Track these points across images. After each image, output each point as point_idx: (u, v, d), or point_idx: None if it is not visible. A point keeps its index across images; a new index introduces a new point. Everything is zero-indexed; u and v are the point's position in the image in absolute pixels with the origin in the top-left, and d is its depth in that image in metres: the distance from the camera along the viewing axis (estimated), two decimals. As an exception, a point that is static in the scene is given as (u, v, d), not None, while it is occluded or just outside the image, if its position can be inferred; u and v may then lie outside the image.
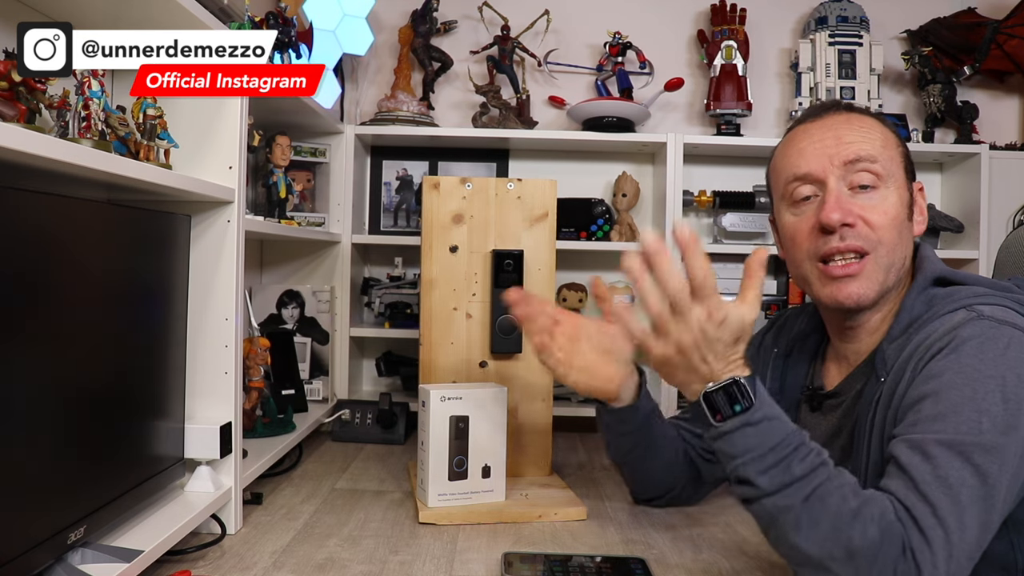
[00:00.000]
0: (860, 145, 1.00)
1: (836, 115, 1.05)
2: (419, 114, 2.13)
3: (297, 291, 2.01)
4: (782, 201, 1.08)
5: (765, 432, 0.84)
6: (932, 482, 0.80)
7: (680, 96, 2.27)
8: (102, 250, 0.95)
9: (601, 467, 1.66)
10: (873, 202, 0.99)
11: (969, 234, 2.13)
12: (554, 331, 1.16)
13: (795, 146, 1.06)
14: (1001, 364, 0.84)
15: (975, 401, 0.83)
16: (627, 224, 2.16)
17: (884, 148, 1.02)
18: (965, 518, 0.78)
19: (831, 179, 1.00)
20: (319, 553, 1.10)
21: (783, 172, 1.06)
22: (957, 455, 0.81)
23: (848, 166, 1.00)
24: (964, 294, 0.95)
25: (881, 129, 1.04)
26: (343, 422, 1.88)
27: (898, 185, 1.02)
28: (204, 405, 1.19)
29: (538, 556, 1.06)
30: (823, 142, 1.02)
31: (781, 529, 0.84)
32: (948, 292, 0.97)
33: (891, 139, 1.04)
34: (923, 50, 2.20)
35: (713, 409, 0.86)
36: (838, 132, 1.02)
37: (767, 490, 0.83)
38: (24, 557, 0.77)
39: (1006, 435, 0.81)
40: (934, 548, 0.77)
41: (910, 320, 0.98)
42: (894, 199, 1.00)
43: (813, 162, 1.02)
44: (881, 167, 1.00)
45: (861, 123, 1.03)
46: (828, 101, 1.13)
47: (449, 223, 1.48)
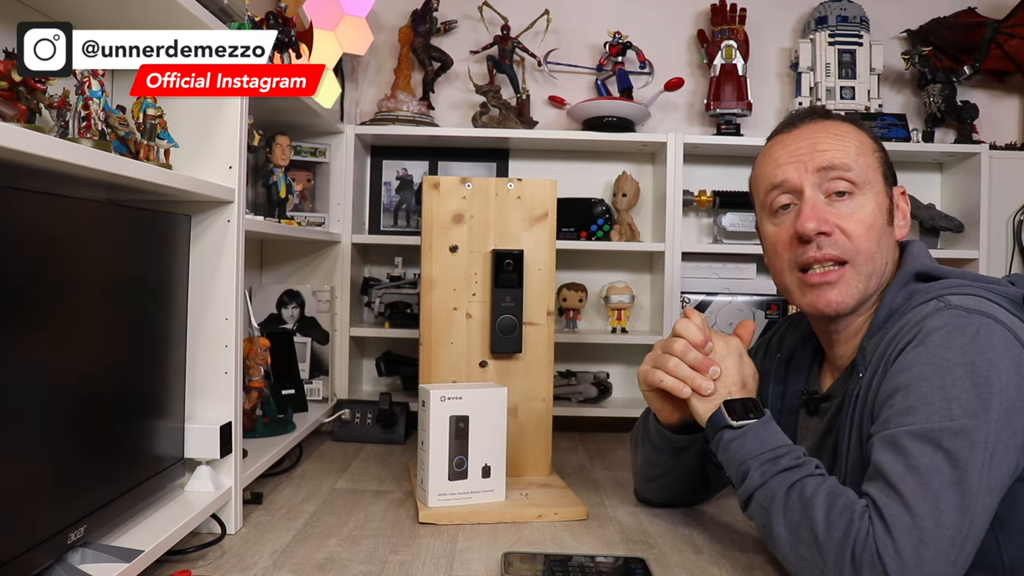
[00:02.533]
0: (834, 153, 1.01)
1: (811, 124, 1.05)
2: (419, 114, 2.13)
3: (297, 291, 2.01)
4: (763, 211, 1.09)
5: (767, 436, 0.98)
6: (903, 474, 0.82)
7: (680, 96, 2.27)
8: (102, 250, 0.95)
9: (601, 467, 1.66)
10: (849, 210, 1.00)
11: (969, 234, 2.13)
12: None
13: (772, 156, 1.07)
14: (969, 351, 0.85)
15: (944, 390, 0.84)
16: (627, 224, 2.16)
17: (859, 155, 1.02)
18: (939, 503, 0.79)
19: (807, 187, 1.01)
20: (319, 553, 1.10)
21: (762, 182, 1.08)
22: (927, 443, 0.82)
23: (822, 172, 1.00)
24: (939, 286, 0.96)
25: (856, 135, 1.04)
26: (343, 422, 1.88)
27: (876, 191, 1.02)
28: (204, 405, 1.19)
29: (538, 556, 1.06)
30: (798, 150, 1.03)
31: (768, 520, 0.92)
32: (927, 287, 0.98)
33: (867, 145, 1.04)
34: (923, 50, 2.20)
35: (732, 414, 1.01)
36: (813, 140, 1.03)
37: (759, 483, 0.94)
38: (24, 557, 0.77)
39: (975, 417, 0.82)
40: (895, 535, 0.79)
41: (888, 313, 0.99)
42: (871, 207, 1.00)
43: (789, 170, 1.03)
44: (856, 175, 1.00)
45: (836, 130, 1.04)
46: (804, 109, 1.15)
47: (449, 223, 1.48)
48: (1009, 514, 0.86)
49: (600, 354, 2.22)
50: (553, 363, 1.51)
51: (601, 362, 2.22)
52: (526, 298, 1.47)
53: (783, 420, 1.11)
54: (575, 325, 2.17)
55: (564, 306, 2.16)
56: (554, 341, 1.51)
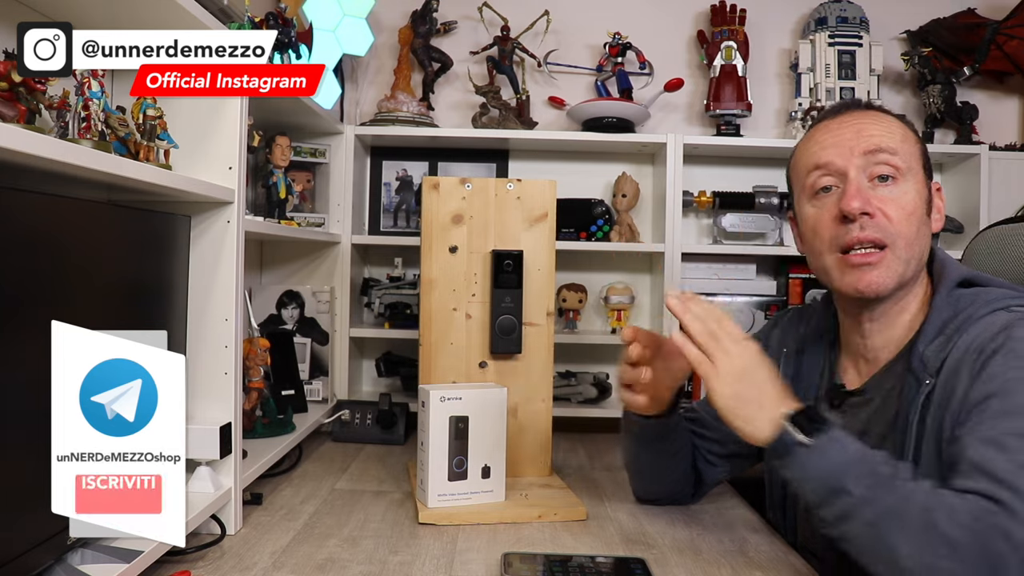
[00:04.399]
0: (881, 137, 1.02)
1: (857, 111, 1.07)
2: (419, 114, 2.13)
3: (297, 291, 2.01)
4: (803, 194, 1.09)
5: (848, 445, 0.89)
6: (1012, 470, 0.81)
7: (680, 96, 2.27)
8: (102, 250, 0.95)
9: (601, 467, 1.66)
10: (893, 195, 1.01)
11: (969, 234, 2.12)
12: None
13: (815, 140, 1.08)
14: None
15: None
16: (627, 224, 2.16)
17: (904, 143, 1.04)
18: None
19: (851, 169, 1.02)
20: (319, 553, 1.10)
21: (804, 164, 1.08)
22: None
23: (868, 156, 1.02)
24: (994, 295, 0.98)
25: (900, 126, 1.06)
26: (343, 422, 1.88)
27: (917, 180, 1.03)
28: (204, 405, 1.18)
29: (538, 556, 1.06)
30: (843, 135, 1.04)
31: (882, 538, 0.83)
32: (974, 293, 1.00)
33: (910, 136, 1.06)
34: (923, 51, 2.20)
35: (801, 429, 0.90)
36: (859, 125, 1.04)
37: (865, 496, 0.84)
38: (24, 557, 0.77)
39: None
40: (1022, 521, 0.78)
41: (942, 322, 0.99)
42: (912, 193, 1.02)
43: (833, 152, 1.04)
44: (900, 160, 1.02)
45: (882, 119, 1.06)
46: (849, 100, 1.17)
47: (449, 223, 1.48)
48: None
49: (600, 355, 2.22)
50: (553, 364, 1.51)
51: (601, 363, 2.22)
52: (526, 299, 1.47)
53: None
54: (575, 326, 2.17)
55: (564, 307, 2.16)
56: (554, 342, 1.51)
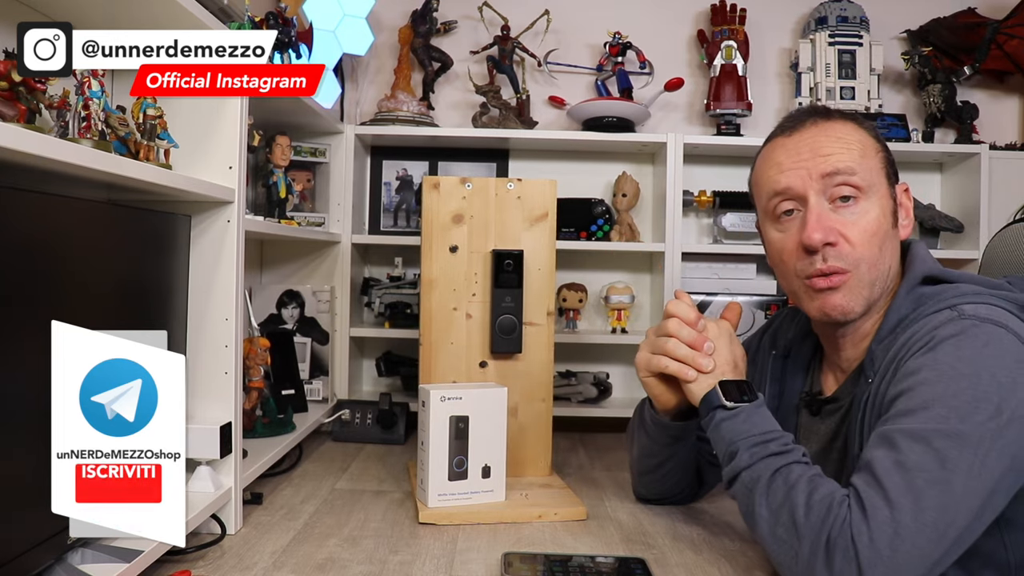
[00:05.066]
0: (838, 157, 0.99)
1: (812, 126, 1.03)
2: (419, 114, 2.13)
3: (297, 291, 2.01)
4: (765, 216, 1.08)
5: (758, 419, 1.00)
6: (890, 468, 0.82)
7: (680, 96, 2.27)
8: (102, 250, 0.95)
9: (601, 467, 1.66)
10: (854, 217, 0.99)
11: (969, 234, 2.13)
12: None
13: (773, 160, 1.05)
14: (976, 362, 0.85)
15: (946, 398, 0.84)
16: (627, 224, 2.16)
17: (863, 157, 1.00)
18: (921, 500, 0.79)
19: (811, 195, 0.99)
20: (319, 553, 1.10)
21: (764, 187, 1.06)
22: (918, 441, 0.83)
23: (826, 179, 0.99)
24: (951, 293, 0.95)
25: (859, 136, 1.02)
26: (343, 422, 1.88)
27: (880, 195, 1.00)
28: (204, 405, 1.19)
29: (538, 556, 1.06)
30: (800, 155, 1.01)
31: (750, 500, 0.93)
32: (936, 291, 0.97)
33: (870, 145, 1.02)
34: (923, 50, 2.20)
35: (727, 394, 1.02)
36: (814, 144, 1.01)
37: (746, 464, 0.96)
38: (24, 557, 0.77)
39: (972, 423, 0.82)
40: (872, 525, 0.80)
41: (898, 319, 0.98)
42: (875, 212, 0.99)
43: (792, 177, 1.01)
44: (860, 178, 0.99)
45: (838, 132, 1.01)
46: (804, 109, 1.13)
47: (449, 223, 1.48)
48: (1014, 516, 0.86)
49: (600, 354, 2.22)
50: (553, 363, 1.51)
51: (601, 362, 2.22)
52: (526, 298, 1.47)
53: (781, 418, 1.11)
54: (575, 325, 2.17)
55: (564, 306, 2.16)
56: (554, 341, 1.51)
